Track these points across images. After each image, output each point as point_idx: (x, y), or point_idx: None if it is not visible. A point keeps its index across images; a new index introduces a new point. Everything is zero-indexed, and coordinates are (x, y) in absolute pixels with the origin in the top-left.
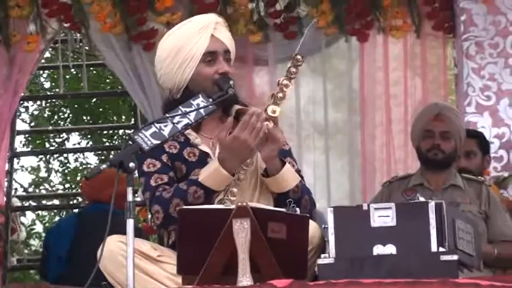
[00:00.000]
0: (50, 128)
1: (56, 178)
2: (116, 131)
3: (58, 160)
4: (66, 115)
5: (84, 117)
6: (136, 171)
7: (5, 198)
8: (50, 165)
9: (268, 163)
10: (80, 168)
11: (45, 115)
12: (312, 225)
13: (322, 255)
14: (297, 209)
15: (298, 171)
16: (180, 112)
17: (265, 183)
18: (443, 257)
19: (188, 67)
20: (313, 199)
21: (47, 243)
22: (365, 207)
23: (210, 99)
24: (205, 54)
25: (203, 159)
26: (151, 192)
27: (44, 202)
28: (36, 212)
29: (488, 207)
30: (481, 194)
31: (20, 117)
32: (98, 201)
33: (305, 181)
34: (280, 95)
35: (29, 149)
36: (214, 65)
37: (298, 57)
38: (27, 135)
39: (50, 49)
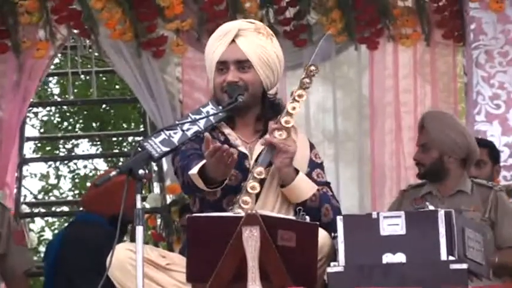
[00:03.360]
0: (60, 134)
1: (65, 185)
2: (125, 138)
3: (67, 166)
4: (75, 121)
5: (94, 124)
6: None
7: (14, 205)
8: (59, 172)
9: (281, 173)
10: (90, 174)
11: (55, 121)
12: (322, 234)
13: (332, 264)
14: (307, 217)
15: (327, 183)
16: (189, 119)
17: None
18: (453, 266)
19: (211, 75)
20: (337, 207)
21: (44, 255)
22: (374, 215)
23: (220, 107)
24: (217, 63)
25: (241, 159)
26: (183, 162)
27: (53, 209)
28: (46, 219)
29: (494, 213)
30: (487, 200)
31: (30, 123)
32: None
33: (332, 191)
34: (294, 105)
35: (38, 156)
36: (225, 74)
37: (312, 67)
38: (36, 142)
39: (59, 55)
